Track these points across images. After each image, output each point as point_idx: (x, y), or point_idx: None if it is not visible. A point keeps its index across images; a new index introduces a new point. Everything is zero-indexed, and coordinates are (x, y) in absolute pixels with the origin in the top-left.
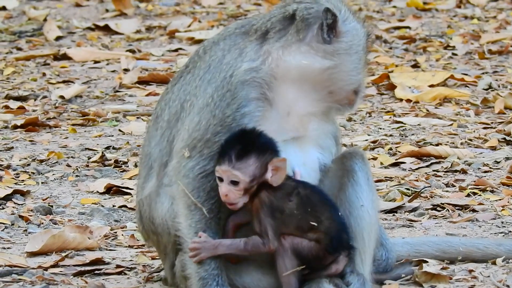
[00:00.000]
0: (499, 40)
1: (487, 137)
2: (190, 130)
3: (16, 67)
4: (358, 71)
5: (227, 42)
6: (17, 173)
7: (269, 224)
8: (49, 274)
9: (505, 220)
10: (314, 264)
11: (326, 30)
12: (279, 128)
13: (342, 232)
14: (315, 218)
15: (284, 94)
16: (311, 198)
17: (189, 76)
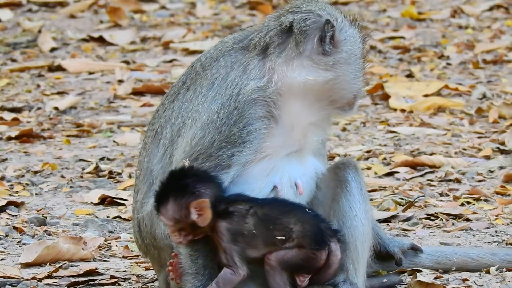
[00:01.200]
0: (494, 49)
1: (481, 146)
2: (193, 143)
3: (11, 78)
4: (359, 77)
5: (228, 58)
6: (11, 184)
7: (233, 251)
8: (43, 285)
9: (499, 229)
10: (312, 268)
11: (328, 42)
12: (284, 143)
13: (318, 224)
14: (282, 231)
15: (289, 110)
16: (271, 215)
17: (189, 94)
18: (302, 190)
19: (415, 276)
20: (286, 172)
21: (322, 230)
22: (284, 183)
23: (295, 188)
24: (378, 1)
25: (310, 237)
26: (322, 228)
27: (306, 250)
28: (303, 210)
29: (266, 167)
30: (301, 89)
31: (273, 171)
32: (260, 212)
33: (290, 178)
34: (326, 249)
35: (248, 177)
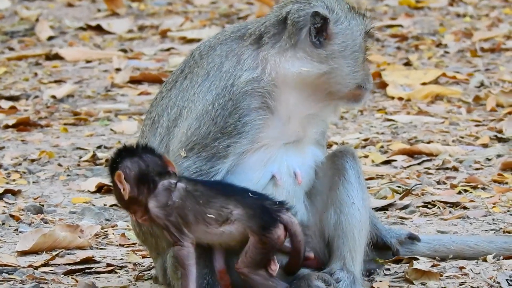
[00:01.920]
0: (491, 38)
1: (478, 134)
2: (189, 133)
3: (8, 67)
4: (356, 70)
5: (223, 47)
6: (8, 172)
7: (170, 226)
8: (40, 273)
9: (496, 217)
10: (276, 248)
11: (314, 34)
12: (280, 134)
13: (262, 205)
14: (215, 210)
15: (285, 101)
16: (204, 192)
17: (186, 82)
18: (301, 179)
19: (412, 264)
20: (285, 162)
21: (267, 209)
22: (282, 172)
23: (294, 177)
24: None
25: (257, 220)
26: (267, 207)
27: (260, 237)
28: (246, 194)
29: (263, 157)
30: (296, 81)
31: (270, 160)
32: (190, 187)
33: (288, 167)
34: (278, 225)
35: (246, 167)
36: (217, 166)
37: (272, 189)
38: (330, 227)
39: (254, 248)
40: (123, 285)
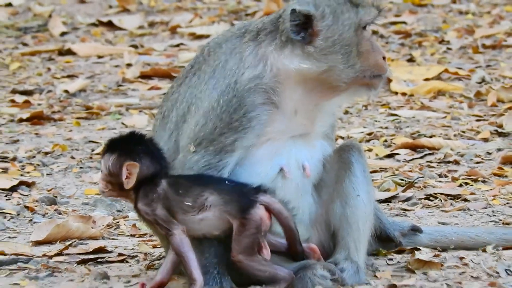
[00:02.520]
0: (493, 34)
1: (479, 129)
2: (197, 129)
3: (22, 62)
4: (351, 64)
5: (228, 44)
6: (22, 165)
7: (159, 218)
8: (54, 262)
9: (496, 209)
10: (261, 230)
11: (295, 31)
12: (286, 128)
13: (239, 190)
14: (192, 198)
15: (290, 96)
16: (182, 182)
17: (194, 79)
18: (309, 172)
19: (414, 255)
20: (293, 155)
21: (244, 193)
22: (291, 165)
23: (303, 170)
24: None
25: (235, 204)
26: (244, 191)
27: (240, 221)
28: (223, 183)
29: (271, 150)
30: (297, 76)
31: (278, 154)
32: (174, 180)
33: (297, 160)
34: (257, 206)
35: (254, 160)
36: (225, 160)
37: (281, 182)
38: (336, 218)
39: (239, 232)
40: (135, 274)
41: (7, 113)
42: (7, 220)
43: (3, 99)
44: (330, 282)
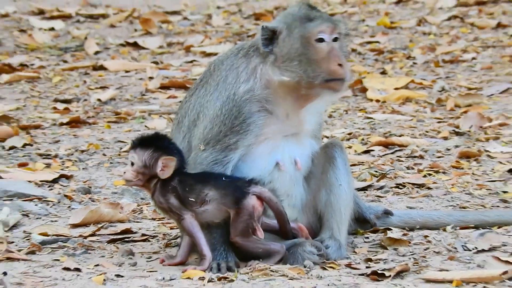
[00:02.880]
0: (451, 51)
1: (440, 129)
2: (205, 132)
3: (63, 76)
4: (305, 71)
5: (228, 62)
6: (63, 161)
7: (172, 206)
8: (88, 241)
9: (454, 195)
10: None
11: (264, 44)
12: (280, 129)
13: (233, 184)
14: (195, 194)
15: (280, 103)
16: (188, 181)
17: (202, 90)
18: (300, 166)
19: (386, 234)
20: (287, 152)
21: (237, 186)
22: (285, 160)
23: (295, 164)
24: (358, 12)
25: (230, 197)
26: (237, 185)
27: (235, 210)
28: (220, 179)
29: (268, 147)
30: (282, 86)
31: (274, 150)
32: (183, 178)
33: (290, 156)
34: (250, 196)
35: (254, 156)
36: (230, 156)
37: (277, 174)
38: (322, 204)
39: (235, 219)
40: (155, 251)
41: (50, 118)
42: (49, 207)
43: (47, 106)
44: (317, 256)
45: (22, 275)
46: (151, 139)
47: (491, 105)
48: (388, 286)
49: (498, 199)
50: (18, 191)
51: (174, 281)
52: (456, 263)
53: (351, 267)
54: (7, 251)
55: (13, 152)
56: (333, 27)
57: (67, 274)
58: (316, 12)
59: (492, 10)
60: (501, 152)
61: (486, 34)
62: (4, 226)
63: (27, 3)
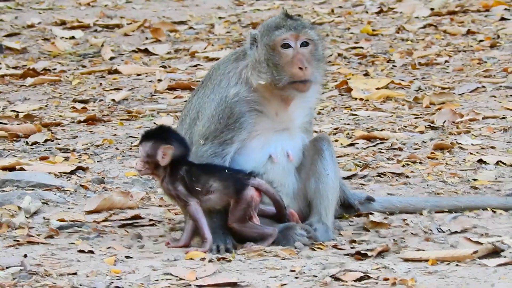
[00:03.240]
0: (426, 55)
1: (417, 124)
2: (204, 129)
3: (81, 79)
4: (274, 72)
5: (222, 67)
6: (80, 154)
7: (180, 193)
8: (101, 226)
9: (429, 183)
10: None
11: (248, 48)
12: (271, 126)
13: (235, 177)
14: (200, 184)
15: (267, 103)
16: (195, 171)
17: (202, 92)
18: (292, 158)
19: (368, 218)
20: (279, 145)
21: (238, 179)
22: (278, 153)
23: (287, 157)
24: (344, 21)
25: (232, 188)
26: (238, 177)
27: (235, 199)
28: (223, 171)
29: (261, 142)
30: (263, 88)
31: (266, 144)
32: (192, 168)
33: (282, 149)
34: (249, 188)
35: (248, 149)
36: (227, 149)
37: (271, 165)
38: (311, 191)
39: (234, 207)
40: (161, 234)
41: (69, 117)
42: (67, 196)
43: (67, 106)
44: (306, 239)
45: (41, 257)
46: (154, 131)
47: (462, 102)
48: (370, 264)
49: (469, 186)
50: (39, 182)
51: (178, 262)
52: (432, 243)
53: (337, 248)
54: (28, 236)
55: (35, 147)
56: (297, 35)
57: (81, 256)
58: (288, 21)
59: (462, 19)
60: (471, 144)
61: (457, 40)
62: (26, 213)
63: (51, 15)
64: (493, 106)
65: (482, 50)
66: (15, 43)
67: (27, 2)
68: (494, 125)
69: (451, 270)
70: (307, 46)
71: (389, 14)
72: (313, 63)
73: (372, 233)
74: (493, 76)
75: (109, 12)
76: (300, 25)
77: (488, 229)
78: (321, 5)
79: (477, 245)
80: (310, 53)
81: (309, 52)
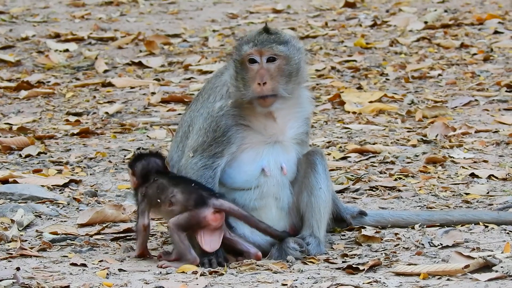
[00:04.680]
0: (419, 69)
1: (409, 138)
2: (193, 142)
3: (75, 92)
4: (241, 87)
5: (212, 82)
6: (73, 167)
7: (140, 209)
8: (94, 239)
9: (421, 197)
10: (202, 224)
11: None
12: (261, 139)
13: (198, 192)
14: (163, 196)
15: (253, 117)
16: (161, 184)
17: (193, 106)
18: (286, 172)
19: (360, 232)
20: (272, 158)
21: (201, 195)
22: (271, 166)
23: (281, 170)
24: (338, 35)
25: (192, 201)
26: (201, 194)
27: (191, 211)
28: (189, 184)
29: (252, 154)
30: (241, 102)
31: (258, 157)
32: (160, 179)
33: (276, 162)
34: (206, 208)
35: (240, 162)
36: (217, 162)
37: (264, 179)
38: (304, 205)
39: (185, 217)
40: (153, 248)
41: (63, 129)
42: (60, 209)
43: (60, 119)
44: (299, 252)
45: (34, 270)
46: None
47: (455, 116)
48: (362, 278)
49: (461, 200)
50: (32, 194)
51: (170, 275)
52: (423, 257)
53: (329, 262)
54: (20, 248)
55: (28, 160)
56: (261, 50)
57: (74, 269)
58: (260, 36)
59: (456, 32)
60: (464, 158)
61: (450, 53)
62: (19, 226)
63: (45, 27)
64: (486, 119)
65: (476, 64)
66: (9, 55)
67: (21, 15)
68: (486, 139)
69: (443, 285)
70: (274, 61)
71: (383, 27)
72: (279, 78)
73: (364, 247)
74: (486, 90)
75: (103, 25)
76: (267, 41)
77: (479, 244)
78: (315, 18)
79: (469, 260)
80: (277, 68)
81: (276, 67)
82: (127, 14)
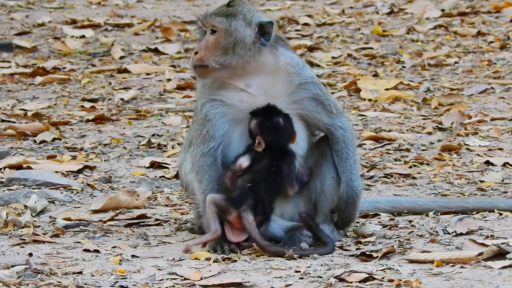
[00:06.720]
0: (436, 56)
1: (425, 125)
2: (190, 136)
3: (90, 78)
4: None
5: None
6: (87, 153)
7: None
8: (107, 225)
9: (436, 184)
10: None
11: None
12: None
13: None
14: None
15: (225, 92)
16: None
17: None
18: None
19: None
20: None
21: (246, 199)
22: None
23: None
24: (355, 22)
25: (237, 196)
26: (248, 199)
27: (227, 202)
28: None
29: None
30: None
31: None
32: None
33: None
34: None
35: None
36: (211, 145)
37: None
38: (317, 193)
39: (221, 200)
40: (167, 234)
41: (78, 115)
42: (73, 195)
43: (75, 105)
44: (312, 239)
45: (47, 256)
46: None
47: (470, 104)
48: (375, 266)
49: (475, 188)
50: (46, 180)
51: (183, 261)
52: (437, 245)
53: (342, 249)
54: (33, 234)
55: (43, 146)
56: (205, 23)
57: (87, 255)
58: (220, 9)
59: (473, 20)
60: (479, 145)
61: (467, 41)
62: (32, 212)
63: (62, 13)
64: (502, 107)
65: (492, 52)
66: (25, 41)
67: (38, 1)
68: (502, 127)
69: (456, 272)
70: (214, 34)
71: (399, 15)
72: (214, 51)
73: (377, 234)
74: (502, 78)
75: (119, 11)
76: (210, 13)
77: (493, 231)
78: (332, 5)
79: (483, 247)
80: (215, 40)
81: (215, 39)
82: (144, 0)
